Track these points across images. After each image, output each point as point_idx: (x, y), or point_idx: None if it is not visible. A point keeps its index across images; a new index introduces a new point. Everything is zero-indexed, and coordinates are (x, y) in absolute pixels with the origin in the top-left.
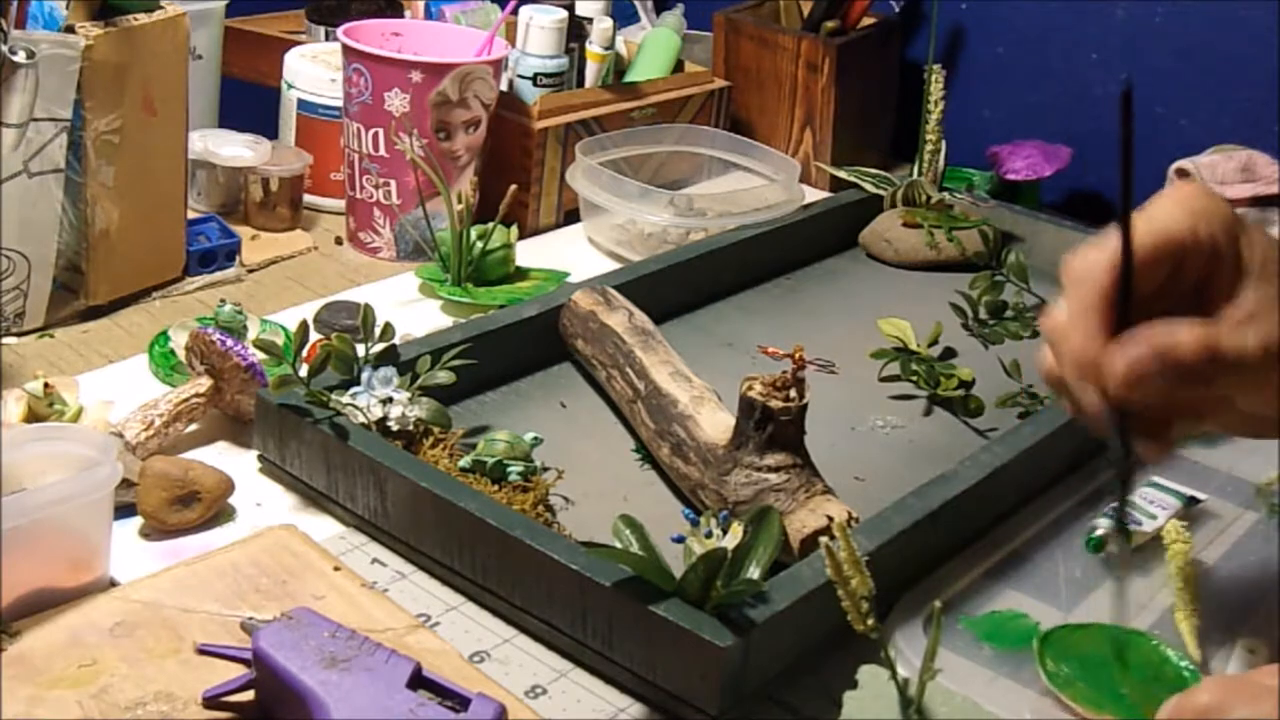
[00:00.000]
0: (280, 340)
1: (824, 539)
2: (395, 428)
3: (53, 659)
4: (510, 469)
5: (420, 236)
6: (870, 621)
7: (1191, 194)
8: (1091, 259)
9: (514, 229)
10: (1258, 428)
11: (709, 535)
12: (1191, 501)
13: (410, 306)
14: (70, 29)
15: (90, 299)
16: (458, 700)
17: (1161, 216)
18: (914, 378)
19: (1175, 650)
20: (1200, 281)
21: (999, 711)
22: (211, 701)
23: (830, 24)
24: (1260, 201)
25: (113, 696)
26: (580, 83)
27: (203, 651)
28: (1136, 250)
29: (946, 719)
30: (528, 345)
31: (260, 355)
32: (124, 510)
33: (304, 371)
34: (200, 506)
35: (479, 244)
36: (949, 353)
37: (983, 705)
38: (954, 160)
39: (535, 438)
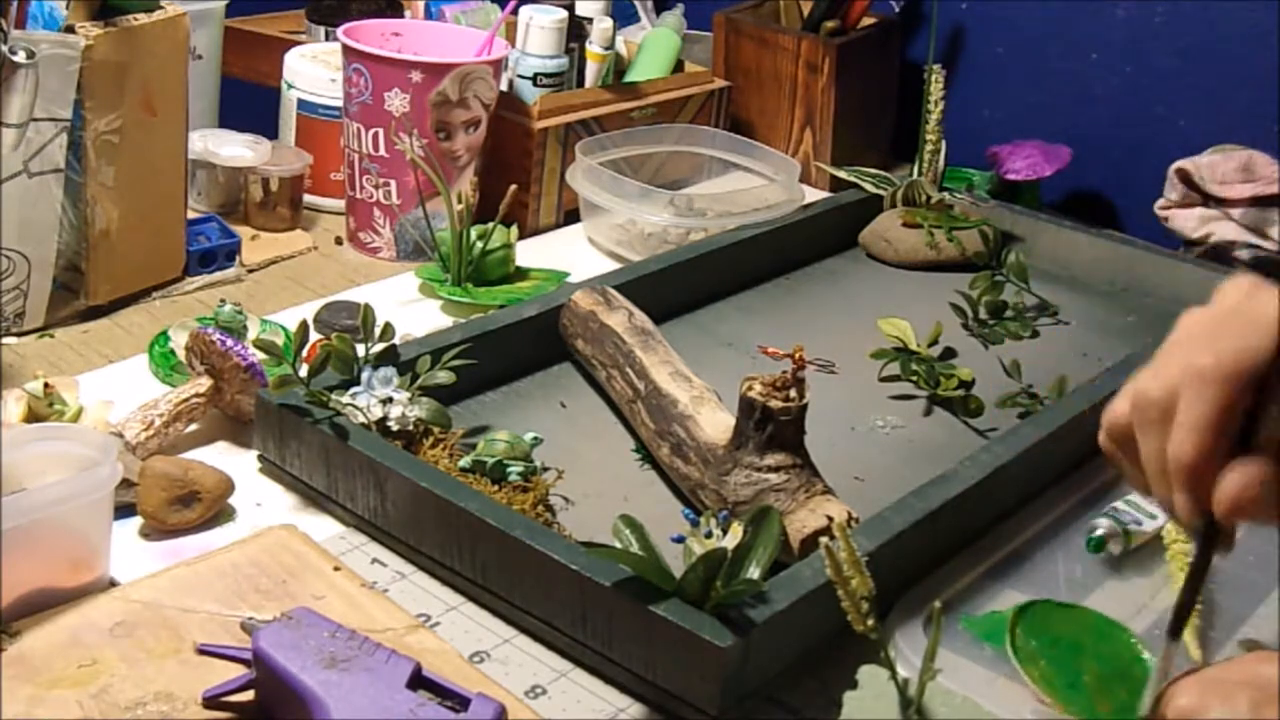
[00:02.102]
0: (280, 340)
1: (824, 539)
2: (395, 428)
3: (53, 659)
4: (510, 469)
5: (420, 236)
6: (870, 621)
7: None
8: (1218, 367)
9: (514, 229)
10: None
11: (709, 535)
12: None
13: (410, 306)
14: (70, 29)
15: (90, 299)
16: (458, 700)
17: None
18: (914, 378)
19: (1153, 655)
20: None
21: (999, 712)
22: (211, 701)
23: (830, 24)
24: (1260, 201)
25: (113, 696)
26: (580, 83)
27: (203, 651)
28: (1258, 353)
29: (946, 719)
30: (528, 345)
31: (260, 355)
32: (124, 510)
33: (304, 371)
34: (200, 506)
35: (479, 244)
36: (949, 353)
37: (983, 705)
38: (954, 160)
39: (535, 438)
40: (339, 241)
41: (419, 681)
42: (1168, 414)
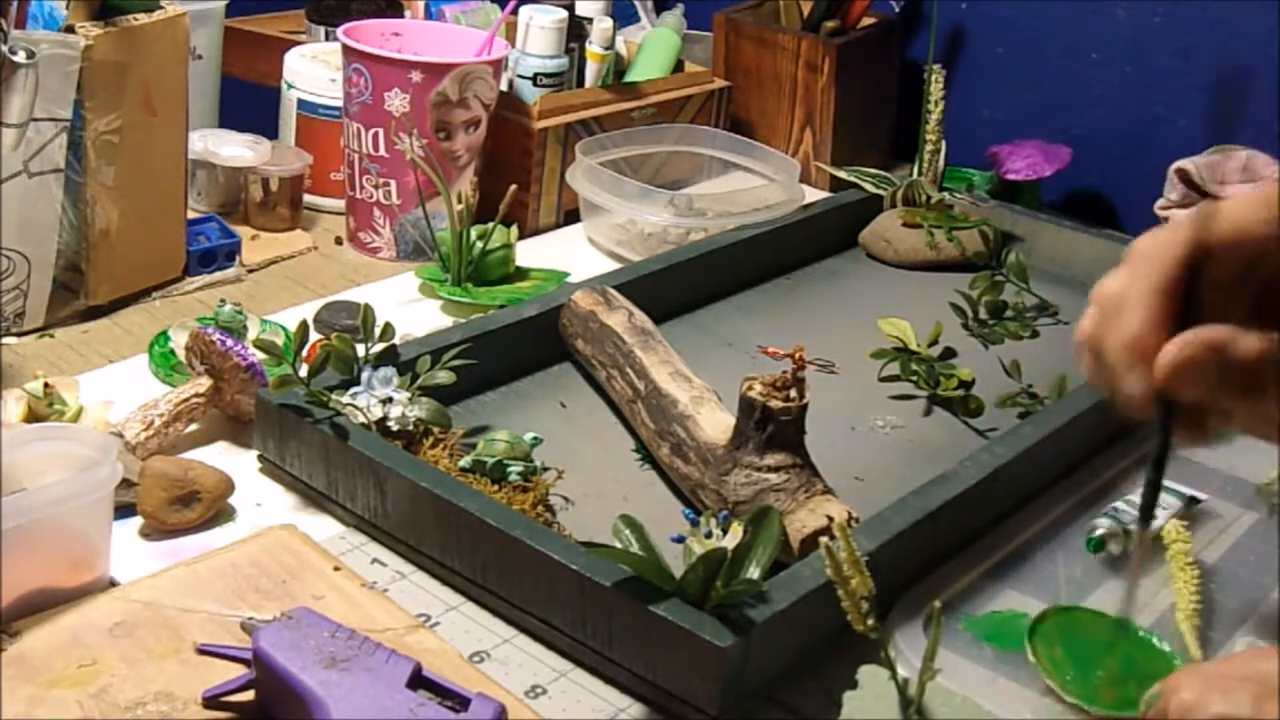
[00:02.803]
0: (280, 340)
1: (824, 539)
2: (395, 428)
3: (53, 659)
4: (510, 469)
5: (420, 236)
6: (870, 621)
7: (1276, 198)
8: (1164, 240)
9: (514, 229)
10: None
11: (709, 535)
12: (1191, 501)
13: (410, 306)
14: (70, 29)
15: (90, 299)
16: (458, 700)
17: (1245, 214)
18: (914, 378)
19: (1181, 660)
20: (1267, 286)
21: (999, 712)
22: (211, 701)
23: (830, 24)
24: None
25: (113, 696)
26: (580, 83)
27: (203, 651)
28: (1213, 240)
29: (946, 719)
30: (528, 345)
31: (260, 355)
32: (124, 510)
33: (304, 371)
34: (200, 506)
35: (479, 244)
36: (949, 353)
37: (983, 705)
38: (954, 160)
39: (535, 438)
40: (339, 241)
41: (419, 681)
42: (1123, 304)
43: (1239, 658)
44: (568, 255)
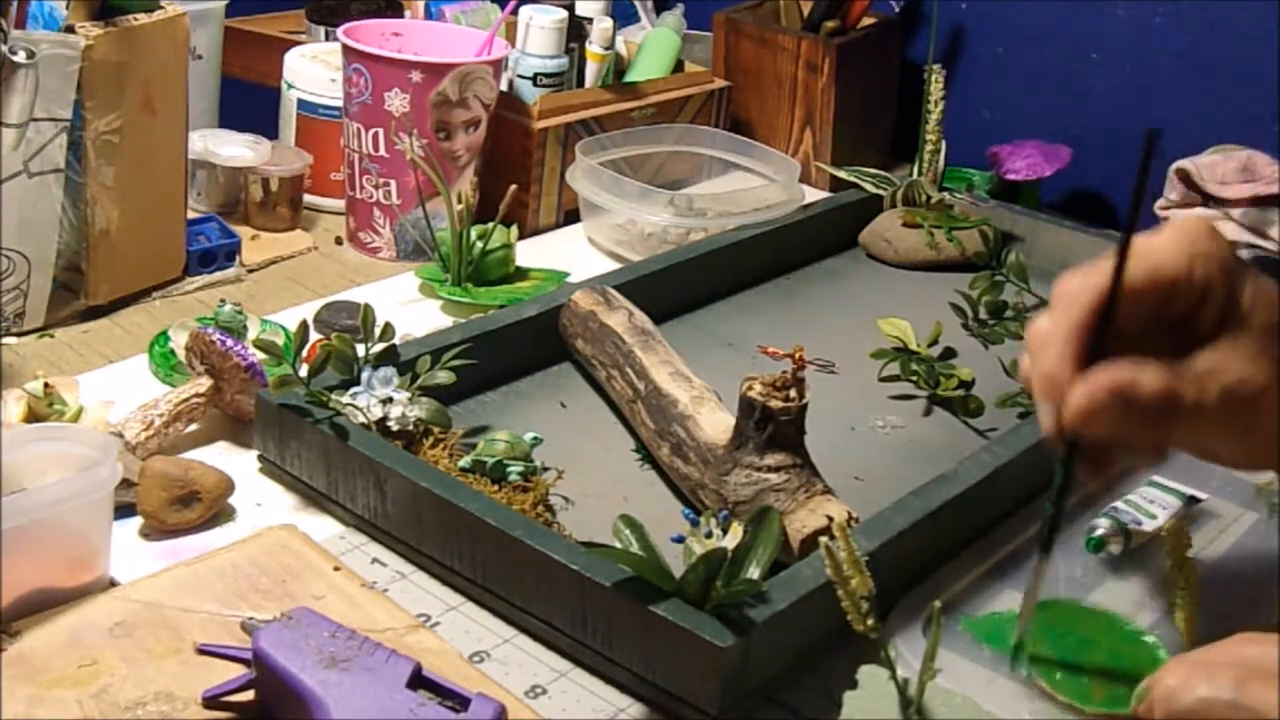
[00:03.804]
0: (280, 340)
1: (824, 539)
2: (395, 428)
3: (53, 659)
4: (510, 469)
5: (420, 236)
6: (870, 621)
7: (1196, 233)
8: (1080, 283)
9: (514, 229)
10: (1215, 459)
11: (709, 535)
12: (1191, 501)
13: (410, 306)
14: (70, 29)
15: (90, 299)
16: (458, 700)
17: (1161, 252)
18: (914, 378)
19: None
20: (1186, 317)
21: (999, 712)
22: (211, 701)
23: (830, 24)
24: (1260, 201)
25: (113, 696)
26: (580, 83)
27: (203, 651)
28: (1129, 281)
29: (946, 719)
30: (528, 345)
31: (260, 355)
32: (124, 510)
33: (304, 371)
34: (200, 506)
35: (479, 244)
36: (949, 353)
37: (983, 705)
38: (954, 160)
39: (535, 438)
40: (339, 241)
41: (419, 681)
42: (1046, 341)
43: (1227, 644)
44: (568, 255)
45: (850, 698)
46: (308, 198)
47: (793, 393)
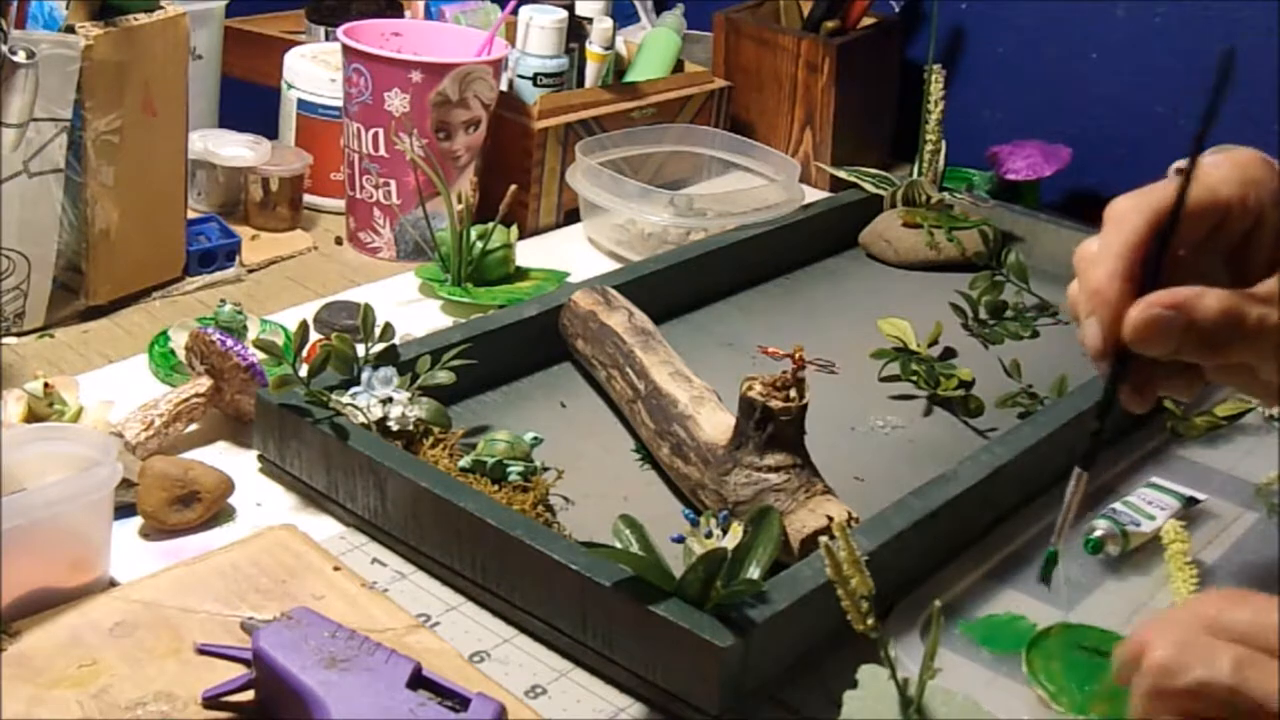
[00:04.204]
0: (280, 340)
1: (824, 539)
2: (395, 428)
3: (53, 659)
4: (510, 469)
5: (420, 236)
6: (870, 621)
7: (1249, 161)
8: (1134, 203)
9: (514, 229)
10: (1268, 394)
11: (709, 535)
12: (1191, 501)
13: (410, 306)
14: (70, 29)
15: (90, 299)
16: (458, 700)
17: (1214, 177)
18: (914, 378)
19: None
20: (1239, 246)
21: (999, 712)
22: (211, 701)
23: (830, 24)
24: None
25: (113, 696)
26: (580, 83)
27: (203, 651)
28: (1172, 193)
29: (946, 719)
30: (528, 345)
31: (260, 355)
32: (124, 510)
33: (304, 371)
34: (200, 506)
35: (479, 244)
36: (949, 353)
37: (983, 705)
38: (954, 160)
39: (535, 438)
40: (339, 241)
41: (419, 681)
42: (1094, 259)
43: (1208, 600)
44: (568, 255)
45: (850, 697)
46: (308, 198)
47: (793, 393)
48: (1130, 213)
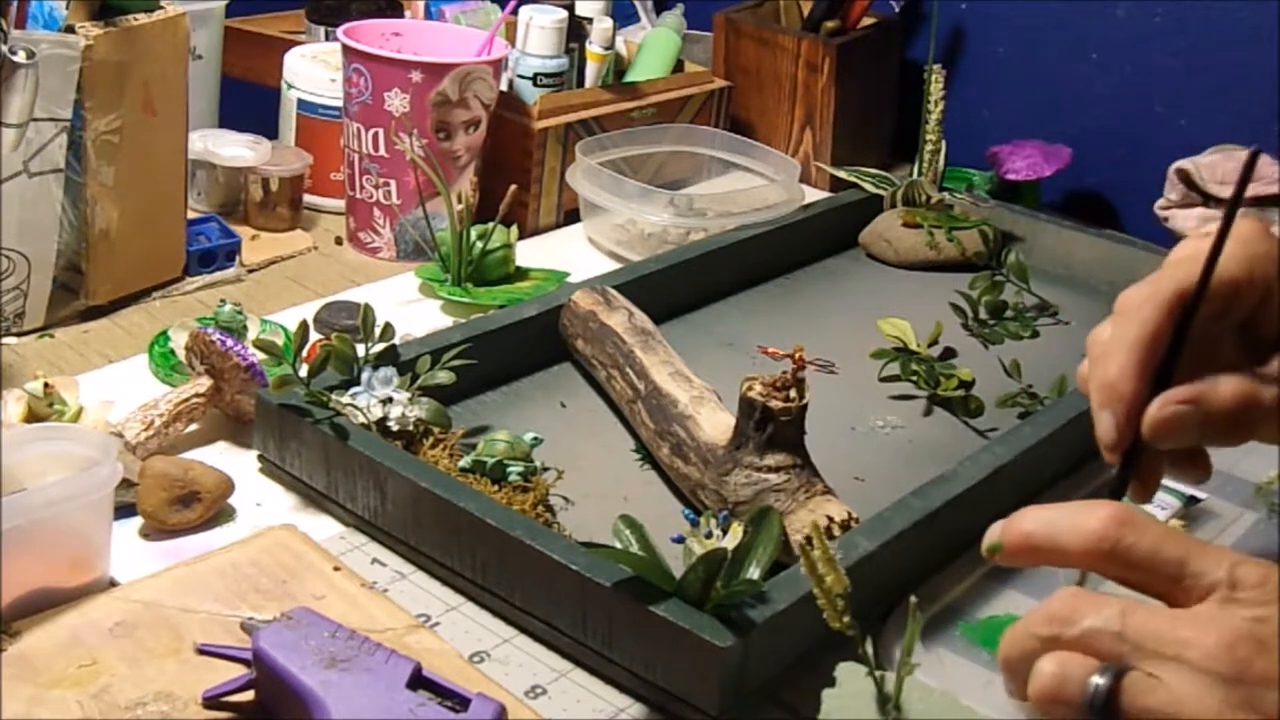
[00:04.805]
0: (280, 340)
1: (799, 540)
2: (395, 428)
3: (53, 659)
4: (510, 469)
5: (420, 236)
6: (846, 619)
7: (1252, 236)
8: (1148, 294)
9: (514, 229)
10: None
11: (709, 535)
12: (1191, 501)
13: (410, 306)
14: (70, 29)
15: (90, 299)
16: (458, 700)
17: (1220, 258)
18: (914, 378)
19: None
20: (1249, 320)
21: (995, 712)
22: (211, 701)
23: (830, 24)
24: (1260, 201)
25: (113, 696)
26: (580, 83)
27: (203, 651)
28: (1190, 287)
29: (924, 716)
30: (528, 345)
31: (260, 355)
32: (124, 510)
33: (304, 371)
34: (200, 506)
35: (479, 244)
36: (949, 353)
37: (961, 701)
38: (954, 160)
39: (535, 438)
40: (339, 241)
41: (419, 681)
42: (1107, 351)
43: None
44: (568, 255)
45: (829, 695)
46: (308, 198)
47: (793, 393)
48: (1143, 305)
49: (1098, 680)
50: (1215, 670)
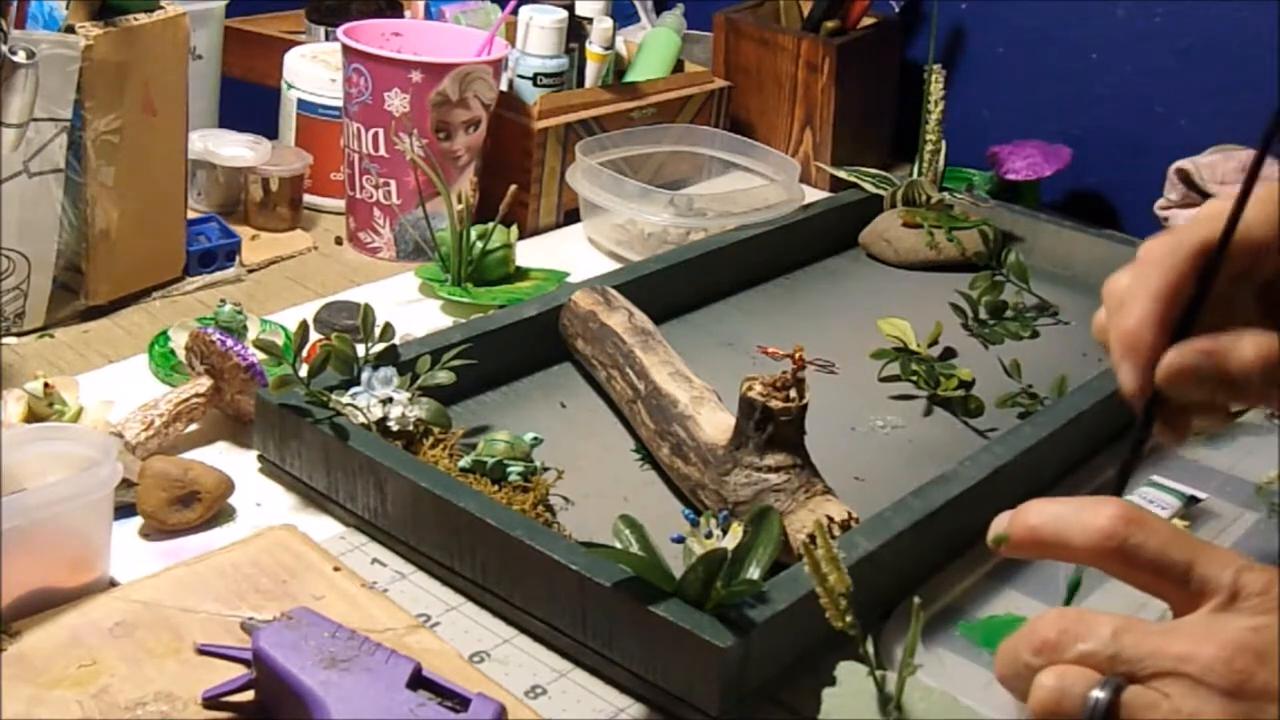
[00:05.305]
0: (280, 340)
1: (802, 538)
2: (395, 428)
3: (53, 659)
4: (510, 469)
5: (420, 236)
6: (849, 619)
7: (1278, 199)
8: (1172, 245)
9: (514, 229)
10: None
11: (709, 535)
12: (1191, 501)
13: (410, 306)
14: (70, 29)
15: (90, 299)
16: (458, 700)
17: (1247, 217)
18: (914, 378)
19: None
20: (1270, 281)
21: (995, 712)
22: (211, 701)
23: (830, 24)
24: None
25: (113, 696)
26: (580, 83)
27: (203, 651)
28: (1215, 243)
29: (925, 716)
30: (528, 345)
31: (260, 355)
32: (124, 510)
33: (304, 371)
34: (200, 506)
35: (479, 244)
36: (949, 353)
37: (962, 701)
38: (954, 160)
39: (535, 438)
40: (339, 241)
41: (419, 681)
42: (1126, 299)
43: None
44: (568, 255)
45: (829, 694)
46: (308, 198)
47: (793, 393)
48: (1166, 255)
49: (1098, 694)
50: (1215, 684)
